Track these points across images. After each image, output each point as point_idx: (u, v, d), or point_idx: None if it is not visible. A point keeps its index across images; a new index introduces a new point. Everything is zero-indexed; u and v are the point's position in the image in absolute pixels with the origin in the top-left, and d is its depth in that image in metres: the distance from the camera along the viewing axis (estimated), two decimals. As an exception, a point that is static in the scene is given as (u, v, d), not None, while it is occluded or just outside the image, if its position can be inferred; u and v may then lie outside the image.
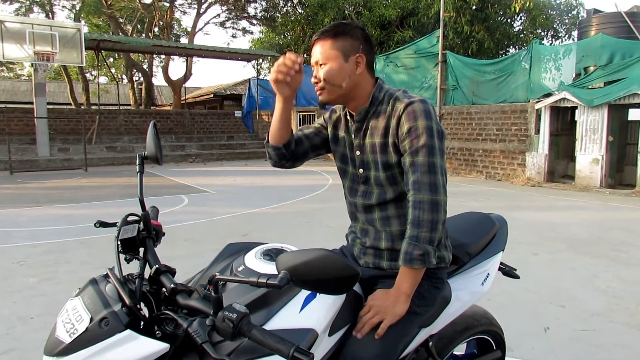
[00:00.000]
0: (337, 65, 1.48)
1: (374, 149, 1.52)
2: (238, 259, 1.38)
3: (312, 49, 1.52)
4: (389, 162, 1.49)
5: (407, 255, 1.35)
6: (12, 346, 2.89)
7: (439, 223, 1.36)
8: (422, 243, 1.34)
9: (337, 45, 1.48)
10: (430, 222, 1.35)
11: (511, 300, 3.61)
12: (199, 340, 1.02)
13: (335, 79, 1.48)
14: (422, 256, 1.34)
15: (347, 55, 1.48)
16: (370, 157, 1.53)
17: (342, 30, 1.49)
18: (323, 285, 1.05)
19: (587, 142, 10.13)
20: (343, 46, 1.48)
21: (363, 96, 1.54)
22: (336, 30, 1.48)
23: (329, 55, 1.48)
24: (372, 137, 1.52)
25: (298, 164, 1.74)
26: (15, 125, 16.15)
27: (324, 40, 1.49)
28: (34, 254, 4.91)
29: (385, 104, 1.52)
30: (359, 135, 1.56)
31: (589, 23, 11.91)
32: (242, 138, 20.67)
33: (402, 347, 1.47)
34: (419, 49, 14.31)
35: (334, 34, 1.48)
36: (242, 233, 5.83)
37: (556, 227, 6.28)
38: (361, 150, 1.56)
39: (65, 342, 1.08)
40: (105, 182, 11.44)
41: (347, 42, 1.49)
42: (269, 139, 1.65)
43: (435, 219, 1.36)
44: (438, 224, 1.36)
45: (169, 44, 19.94)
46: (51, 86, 28.52)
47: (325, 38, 1.49)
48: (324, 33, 1.50)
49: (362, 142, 1.55)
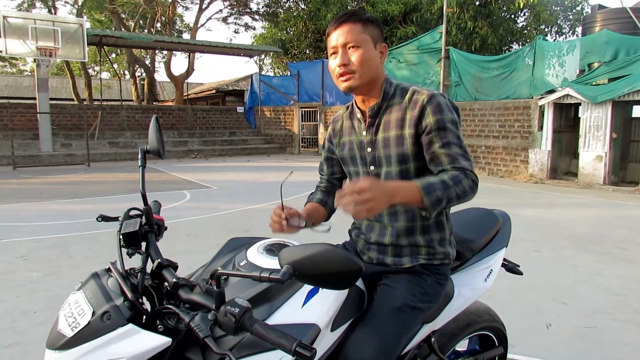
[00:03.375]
0: (370, 51, 1.44)
1: (387, 142, 1.48)
2: (240, 253, 1.38)
3: (336, 30, 1.45)
4: (404, 154, 1.46)
5: (430, 187, 1.29)
6: (16, 340, 2.90)
7: (466, 197, 1.35)
8: (447, 194, 1.31)
9: (368, 30, 1.43)
10: (464, 191, 1.34)
11: (513, 297, 3.60)
12: (201, 335, 1.01)
13: (370, 63, 1.44)
14: (438, 201, 1.30)
15: (375, 43, 1.46)
16: (382, 153, 1.50)
17: (369, 17, 1.46)
18: (326, 280, 1.05)
19: (590, 139, 10.09)
20: (372, 33, 1.45)
21: (377, 89, 1.51)
22: (365, 16, 1.44)
23: (362, 40, 1.42)
24: (385, 131, 1.49)
25: None
26: (18, 120, 16.17)
27: (354, 23, 1.43)
28: (36, 249, 4.92)
29: (399, 97, 1.49)
30: (371, 131, 1.53)
31: (593, 19, 11.84)
32: (245, 134, 20.65)
33: (404, 343, 1.46)
34: (422, 45, 14.26)
35: (364, 19, 1.44)
36: (244, 228, 5.84)
37: (559, 224, 6.26)
38: (373, 146, 1.52)
39: (68, 336, 1.08)
40: (107, 177, 11.45)
41: (374, 30, 1.46)
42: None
43: (468, 192, 1.35)
44: (465, 197, 1.35)
45: (171, 40, 19.91)
46: (54, 82, 28.54)
47: (355, 21, 1.43)
48: (353, 16, 1.44)
49: (374, 137, 1.52)
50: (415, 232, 1.51)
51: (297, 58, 22.69)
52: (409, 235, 1.51)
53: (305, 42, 22.35)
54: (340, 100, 17.75)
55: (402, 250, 1.53)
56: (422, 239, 1.51)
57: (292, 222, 1.47)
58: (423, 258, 1.52)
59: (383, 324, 1.40)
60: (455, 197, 1.32)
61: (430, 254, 1.52)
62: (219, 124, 20.88)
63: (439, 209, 1.31)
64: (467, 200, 1.37)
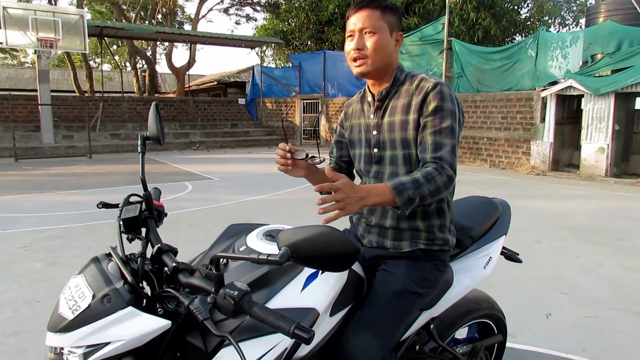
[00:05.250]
0: (385, 38, 1.46)
1: (392, 127, 1.51)
2: (240, 239, 1.38)
3: (355, 15, 1.47)
4: (407, 139, 1.48)
5: (401, 186, 1.31)
6: (19, 329, 2.93)
7: (440, 194, 1.37)
8: (419, 192, 1.32)
9: (386, 18, 1.45)
10: (437, 188, 1.35)
11: (514, 286, 3.61)
12: (201, 318, 1.02)
13: (384, 50, 1.46)
14: (410, 200, 1.31)
15: (392, 31, 1.47)
16: (387, 136, 1.53)
17: (389, 4, 1.46)
18: (324, 261, 1.05)
19: (592, 131, 10.05)
20: (390, 20, 1.47)
21: (389, 75, 1.53)
22: (385, 3, 1.45)
23: (379, 26, 1.45)
24: (391, 115, 1.52)
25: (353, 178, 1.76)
26: (20, 112, 16.16)
27: (373, 9, 1.44)
28: (39, 240, 4.95)
29: (408, 84, 1.51)
30: (378, 114, 1.56)
31: (597, 10, 11.74)
32: (246, 125, 20.62)
33: (403, 328, 1.47)
34: (424, 36, 14.18)
35: (384, 6, 1.45)
36: (245, 219, 5.85)
37: (560, 215, 6.26)
38: (378, 129, 1.55)
39: (68, 319, 1.09)
40: (109, 169, 11.47)
41: (393, 18, 1.47)
42: None
43: (442, 188, 1.36)
44: (440, 194, 1.37)
45: (172, 31, 19.83)
46: (55, 73, 28.50)
47: (374, 7, 1.45)
48: (373, 2, 1.45)
49: (380, 121, 1.55)
50: (416, 217, 1.52)
51: (298, 49, 22.60)
52: (410, 219, 1.52)
53: (306, 34, 22.23)
54: (342, 92, 17.69)
55: (402, 234, 1.54)
56: (422, 224, 1.53)
57: (296, 155, 1.49)
58: (422, 243, 1.53)
59: (382, 309, 1.41)
60: (428, 194, 1.33)
61: (430, 239, 1.53)
62: (221, 116, 20.86)
63: (412, 207, 1.34)
64: (442, 196, 1.40)
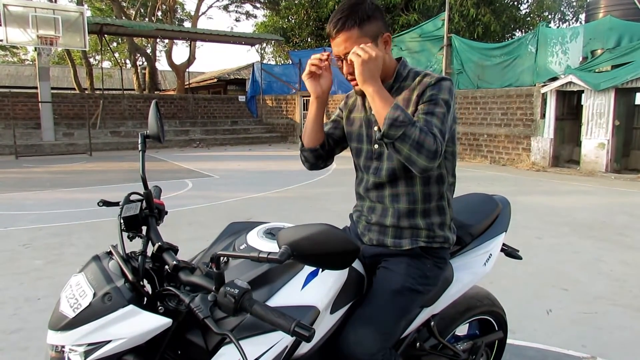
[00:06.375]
0: None
1: None
2: (240, 237, 1.39)
3: (334, 40, 1.44)
4: None
5: (401, 109, 1.31)
6: (20, 326, 2.94)
7: (421, 151, 1.29)
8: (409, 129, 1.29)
9: (365, 31, 1.41)
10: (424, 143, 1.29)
11: (514, 283, 3.61)
12: (201, 316, 1.03)
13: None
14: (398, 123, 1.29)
15: (376, 39, 1.43)
16: None
17: (364, 15, 1.40)
18: (324, 259, 1.05)
19: (593, 127, 10.04)
20: (371, 31, 1.42)
21: (389, 72, 1.53)
22: (359, 17, 1.40)
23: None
24: None
25: (329, 162, 1.75)
26: (20, 110, 16.15)
27: (349, 30, 1.40)
28: (39, 237, 4.95)
29: (410, 80, 1.51)
30: None
31: (597, 5, 11.72)
32: (246, 123, 20.59)
33: (403, 326, 1.48)
34: (424, 32, 14.14)
35: (359, 21, 1.40)
36: (245, 217, 5.85)
37: (560, 211, 6.26)
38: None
39: (69, 317, 1.09)
40: (109, 166, 11.47)
41: (372, 26, 1.42)
42: (304, 143, 1.65)
43: (425, 146, 1.29)
44: (421, 151, 1.29)
45: (172, 28, 19.78)
46: (55, 71, 28.42)
47: (350, 28, 1.40)
48: (346, 23, 1.40)
49: None
50: (416, 215, 1.52)
51: (298, 46, 22.54)
52: (410, 217, 1.52)
53: (306, 30, 22.16)
54: (342, 89, 17.62)
55: (402, 232, 1.54)
56: (422, 222, 1.53)
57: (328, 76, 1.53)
58: (423, 241, 1.53)
59: (382, 306, 1.41)
60: (413, 138, 1.28)
61: (430, 237, 1.53)
62: (221, 113, 20.83)
63: (391, 133, 1.29)
64: (421, 160, 1.30)
